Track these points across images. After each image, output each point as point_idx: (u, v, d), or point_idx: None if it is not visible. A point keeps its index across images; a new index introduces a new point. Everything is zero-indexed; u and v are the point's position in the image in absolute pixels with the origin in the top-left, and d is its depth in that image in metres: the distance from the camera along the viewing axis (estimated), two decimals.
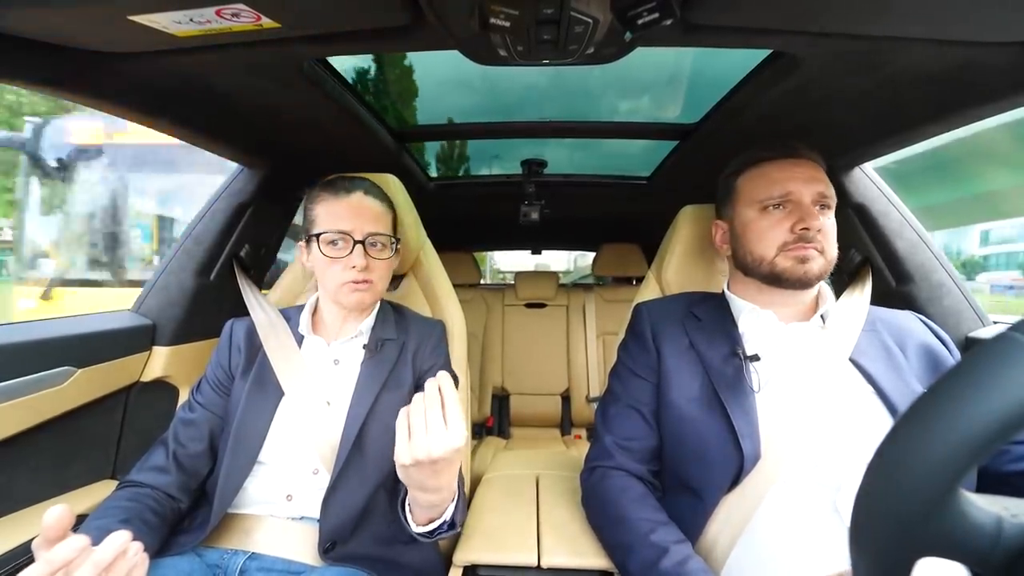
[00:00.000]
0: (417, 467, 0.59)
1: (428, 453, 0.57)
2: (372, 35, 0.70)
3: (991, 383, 0.28)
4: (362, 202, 0.88)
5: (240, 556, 0.76)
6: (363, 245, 0.85)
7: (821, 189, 0.78)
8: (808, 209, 0.77)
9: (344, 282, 0.85)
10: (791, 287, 0.79)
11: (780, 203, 0.79)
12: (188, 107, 0.93)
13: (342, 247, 0.85)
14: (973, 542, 0.30)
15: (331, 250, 0.85)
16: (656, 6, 0.57)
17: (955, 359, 0.80)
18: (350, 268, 0.85)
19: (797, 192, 0.78)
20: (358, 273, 0.85)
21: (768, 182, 0.80)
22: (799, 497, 0.69)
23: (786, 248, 0.78)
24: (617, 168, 1.78)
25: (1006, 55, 0.67)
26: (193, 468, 0.83)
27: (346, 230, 0.85)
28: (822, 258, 0.77)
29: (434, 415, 0.58)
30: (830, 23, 0.64)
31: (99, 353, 0.99)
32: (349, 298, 0.87)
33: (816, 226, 0.76)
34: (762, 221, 0.81)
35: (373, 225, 0.87)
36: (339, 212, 0.86)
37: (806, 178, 0.78)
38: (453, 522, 0.74)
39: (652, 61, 1.29)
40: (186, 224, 1.21)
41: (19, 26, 0.63)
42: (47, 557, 0.46)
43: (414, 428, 0.58)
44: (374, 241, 0.88)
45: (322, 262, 0.86)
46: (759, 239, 0.81)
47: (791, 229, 0.77)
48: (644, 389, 0.86)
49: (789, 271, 0.78)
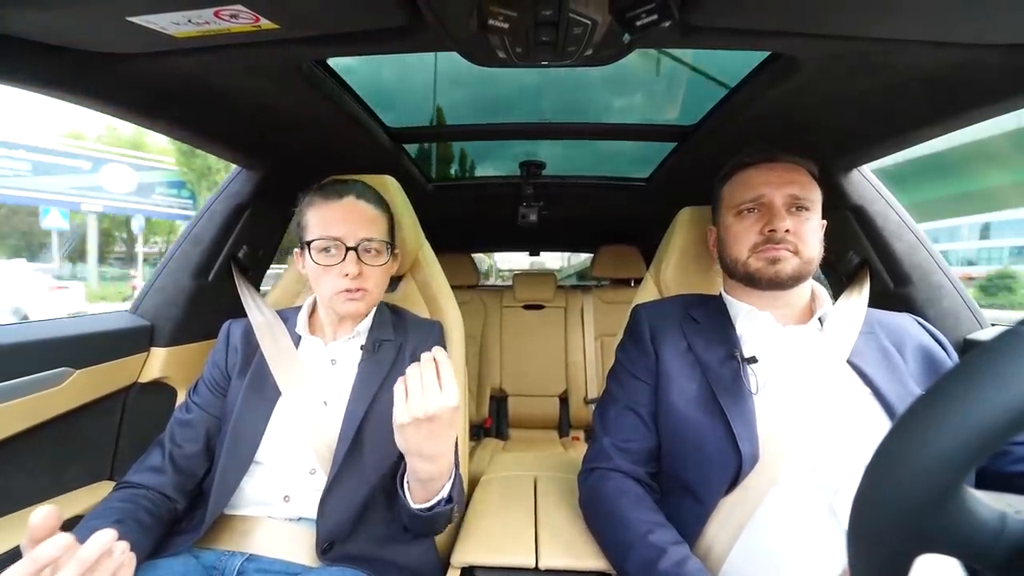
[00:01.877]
0: (415, 426, 0.62)
1: (424, 410, 0.61)
2: (371, 36, 0.70)
3: (1001, 376, 0.27)
4: (354, 206, 0.85)
5: (237, 558, 0.76)
6: (356, 252, 0.83)
7: (793, 191, 0.80)
8: (777, 211, 0.79)
9: (338, 291, 0.83)
10: (765, 288, 0.82)
11: (753, 207, 0.82)
12: (186, 108, 0.93)
13: (334, 254, 0.83)
14: (976, 538, 0.30)
15: (323, 257, 0.83)
16: (655, 8, 0.57)
17: (953, 361, 0.80)
18: (343, 276, 0.82)
19: (768, 195, 0.80)
20: (351, 281, 0.82)
21: (744, 187, 0.84)
22: (797, 499, 0.69)
23: (757, 249, 0.81)
24: (616, 170, 1.78)
25: (1005, 57, 0.68)
26: (189, 469, 0.83)
27: (337, 236, 0.82)
28: (796, 258, 0.79)
29: (429, 377, 0.62)
30: (828, 25, 0.65)
31: (97, 354, 0.98)
32: (343, 307, 0.85)
33: (783, 227, 0.78)
34: (737, 224, 0.84)
35: (366, 230, 0.85)
36: (330, 217, 0.84)
37: (779, 182, 0.81)
38: (451, 497, 0.75)
39: (650, 62, 1.29)
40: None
41: (17, 27, 0.63)
42: (32, 555, 0.47)
43: (411, 389, 0.62)
44: (368, 247, 0.85)
45: (315, 270, 0.84)
46: (734, 242, 0.85)
47: (760, 231, 0.80)
48: (642, 391, 0.86)
49: (760, 272, 0.81)
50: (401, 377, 0.63)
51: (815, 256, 0.81)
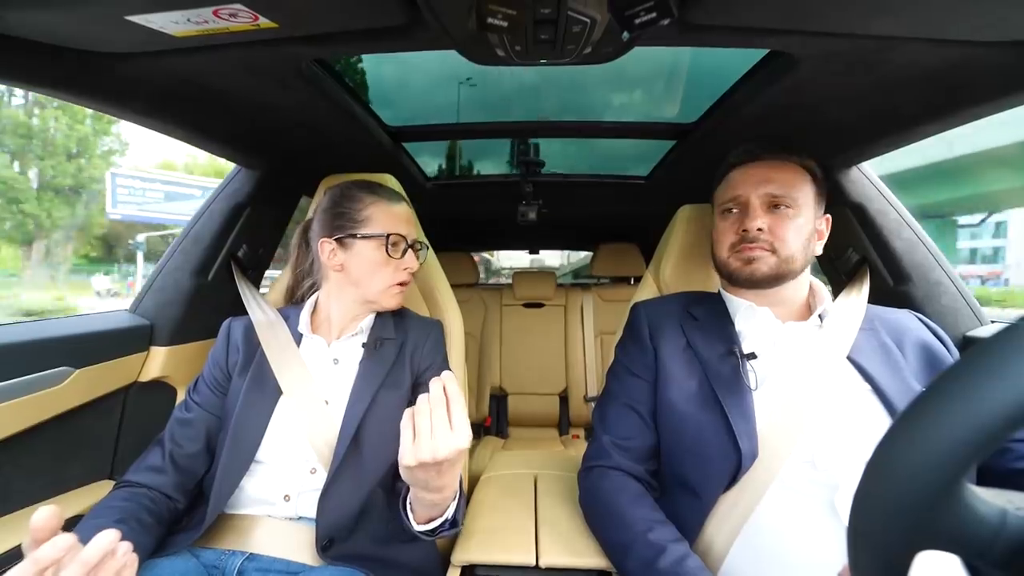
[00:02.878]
0: (422, 468, 0.58)
1: (433, 455, 0.56)
2: (370, 35, 0.70)
3: (1003, 372, 0.27)
4: (409, 211, 0.97)
5: (238, 557, 0.76)
6: (413, 250, 0.94)
7: (770, 189, 0.80)
8: (752, 210, 0.81)
9: (393, 283, 0.91)
10: (744, 286, 0.84)
11: (732, 206, 0.85)
12: (185, 107, 0.92)
13: (400, 250, 0.92)
14: (977, 534, 0.30)
15: (394, 251, 0.90)
16: (653, 6, 0.57)
17: (953, 357, 0.80)
18: (402, 270, 0.92)
19: (744, 194, 0.82)
20: (408, 275, 0.93)
21: (727, 187, 0.86)
22: (797, 495, 0.69)
23: (734, 249, 0.83)
24: (615, 168, 1.78)
25: (1003, 55, 0.68)
26: (190, 468, 0.83)
27: (405, 234, 0.92)
28: (773, 257, 0.80)
29: (439, 416, 0.57)
30: (827, 22, 0.65)
31: (97, 353, 0.98)
32: (394, 300, 0.93)
33: (755, 226, 0.79)
34: (720, 224, 0.87)
35: (418, 233, 0.98)
36: (398, 216, 0.93)
37: (757, 180, 0.82)
38: (455, 520, 0.74)
39: (650, 60, 1.29)
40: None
41: (17, 27, 0.63)
42: (34, 556, 0.46)
43: (419, 429, 0.57)
44: (419, 248, 0.97)
45: (375, 262, 0.90)
46: (717, 242, 0.87)
47: (736, 231, 0.83)
48: (641, 388, 0.86)
49: (737, 271, 0.83)
50: (408, 410, 0.59)
51: (795, 254, 0.80)
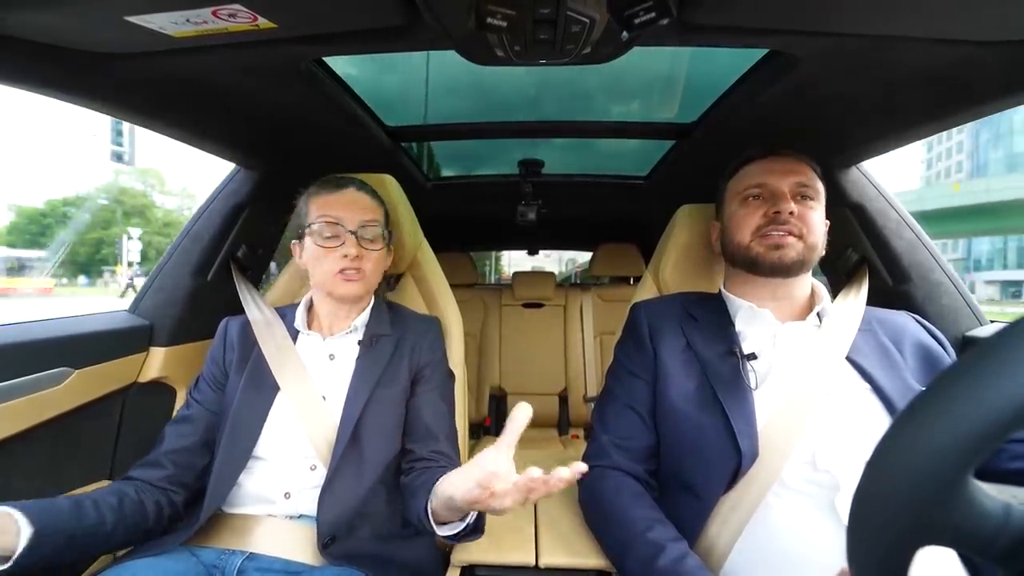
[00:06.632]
0: (481, 491, 0.60)
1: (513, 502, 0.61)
2: (369, 35, 0.70)
3: (1007, 370, 0.27)
4: (355, 195, 0.91)
5: (238, 556, 0.76)
6: (355, 236, 0.87)
7: (799, 179, 0.81)
8: (782, 195, 0.81)
9: (336, 271, 0.86)
10: (768, 274, 0.82)
11: (758, 192, 0.84)
12: (185, 108, 0.92)
13: (335, 236, 0.87)
14: (980, 529, 0.30)
15: (324, 240, 0.87)
16: (653, 5, 0.57)
17: (951, 358, 0.80)
18: (342, 258, 0.86)
19: (773, 182, 0.82)
20: (350, 262, 0.86)
21: (749, 177, 0.86)
22: (797, 496, 0.69)
23: (760, 233, 0.81)
24: (614, 168, 1.78)
25: (1003, 54, 0.68)
26: (188, 462, 0.83)
27: (339, 218, 0.87)
28: (800, 243, 0.79)
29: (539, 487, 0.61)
30: (826, 22, 0.65)
31: (96, 354, 0.98)
32: (341, 288, 0.88)
33: (788, 209, 0.79)
34: (741, 210, 0.85)
35: (365, 215, 0.89)
36: (332, 202, 0.88)
37: (784, 171, 0.82)
38: (477, 526, 0.71)
39: (649, 60, 1.29)
40: None
41: (16, 27, 0.63)
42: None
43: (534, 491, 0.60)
44: (366, 232, 0.89)
45: (315, 253, 0.87)
46: (737, 226, 0.85)
47: (764, 214, 0.81)
48: (641, 388, 0.86)
49: (763, 256, 0.81)
50: (539, 478, 0.60)
51: (819, 244, 0.82)
